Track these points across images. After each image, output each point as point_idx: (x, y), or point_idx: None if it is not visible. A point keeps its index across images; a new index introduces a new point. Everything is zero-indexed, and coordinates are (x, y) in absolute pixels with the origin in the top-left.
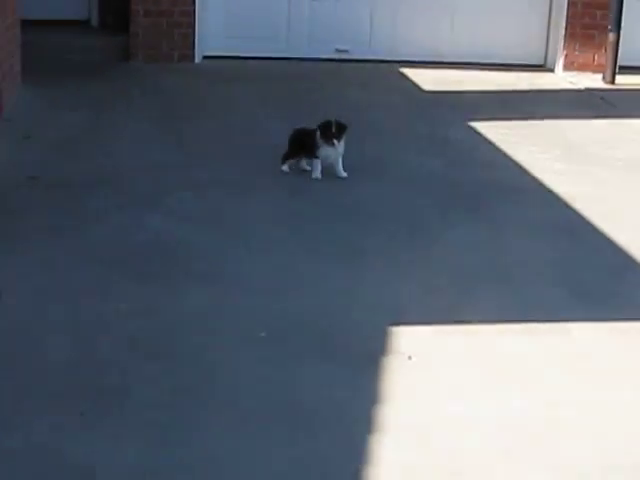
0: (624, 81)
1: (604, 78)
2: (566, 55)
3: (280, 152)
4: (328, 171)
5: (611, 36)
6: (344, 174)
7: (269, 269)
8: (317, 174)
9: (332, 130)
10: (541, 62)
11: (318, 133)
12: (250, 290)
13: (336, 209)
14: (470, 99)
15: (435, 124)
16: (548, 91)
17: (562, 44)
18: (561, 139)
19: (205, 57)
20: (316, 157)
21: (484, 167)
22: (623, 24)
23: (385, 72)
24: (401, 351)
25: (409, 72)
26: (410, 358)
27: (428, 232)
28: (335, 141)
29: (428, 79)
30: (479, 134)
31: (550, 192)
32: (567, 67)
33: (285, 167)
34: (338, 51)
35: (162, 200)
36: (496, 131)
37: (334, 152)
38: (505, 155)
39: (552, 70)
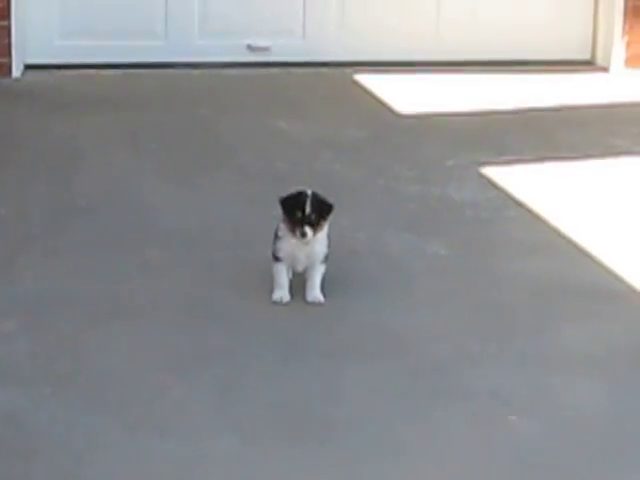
0: None
1: None
2: (628, 43)
3: (192, 251)
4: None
5: None
6: (319, 297)
7: None
8: (281, 294)
9: (304, 210)
10: (587, 56)
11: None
12: None
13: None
14: (475, 126)
15: (427, 174)
16: (606, 106)
17: (621, 27)
18: None
19: (29, 67)
20: (276, 259)
21: (523, 254)
22: None
23: (332, 82)
24: None
25: (369, 81)
26: None
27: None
28: (308, 230)
29: (402, 93)
30: (501, 190)
31: None
32: (631, 63)
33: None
34: (252, 49)
35: None
36: (529, 184)
37: (307, 253)
38: (554, 230)
39: (605, 69)
